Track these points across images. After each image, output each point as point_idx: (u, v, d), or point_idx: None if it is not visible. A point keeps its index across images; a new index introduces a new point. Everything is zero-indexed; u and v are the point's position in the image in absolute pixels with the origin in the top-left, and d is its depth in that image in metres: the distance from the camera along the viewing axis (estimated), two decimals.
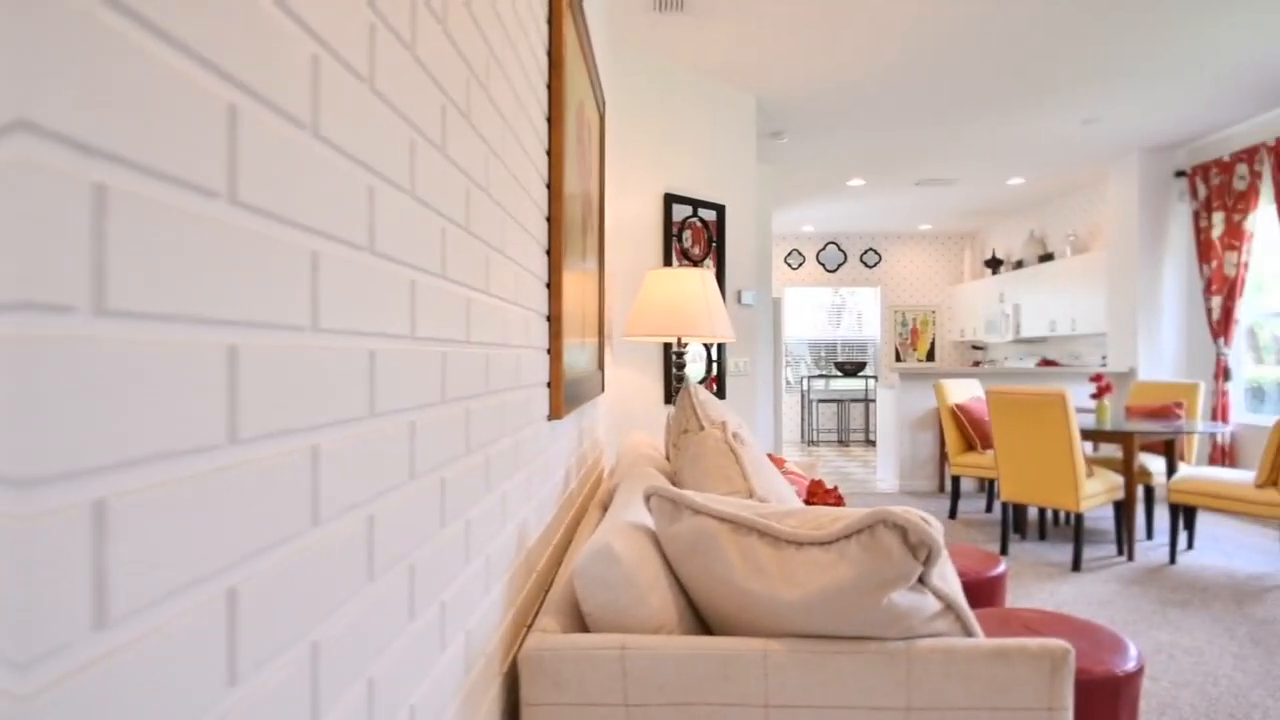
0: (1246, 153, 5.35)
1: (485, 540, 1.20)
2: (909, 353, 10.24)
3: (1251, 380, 5.69)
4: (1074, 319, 7.27)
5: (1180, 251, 6.09)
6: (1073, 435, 3.93)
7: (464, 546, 1.06)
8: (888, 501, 5.98)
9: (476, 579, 1.14)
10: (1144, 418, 4.92)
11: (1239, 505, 3.92)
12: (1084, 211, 7.69)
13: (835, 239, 10.22)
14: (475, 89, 1.11)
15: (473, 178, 1.09)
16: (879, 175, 6.93)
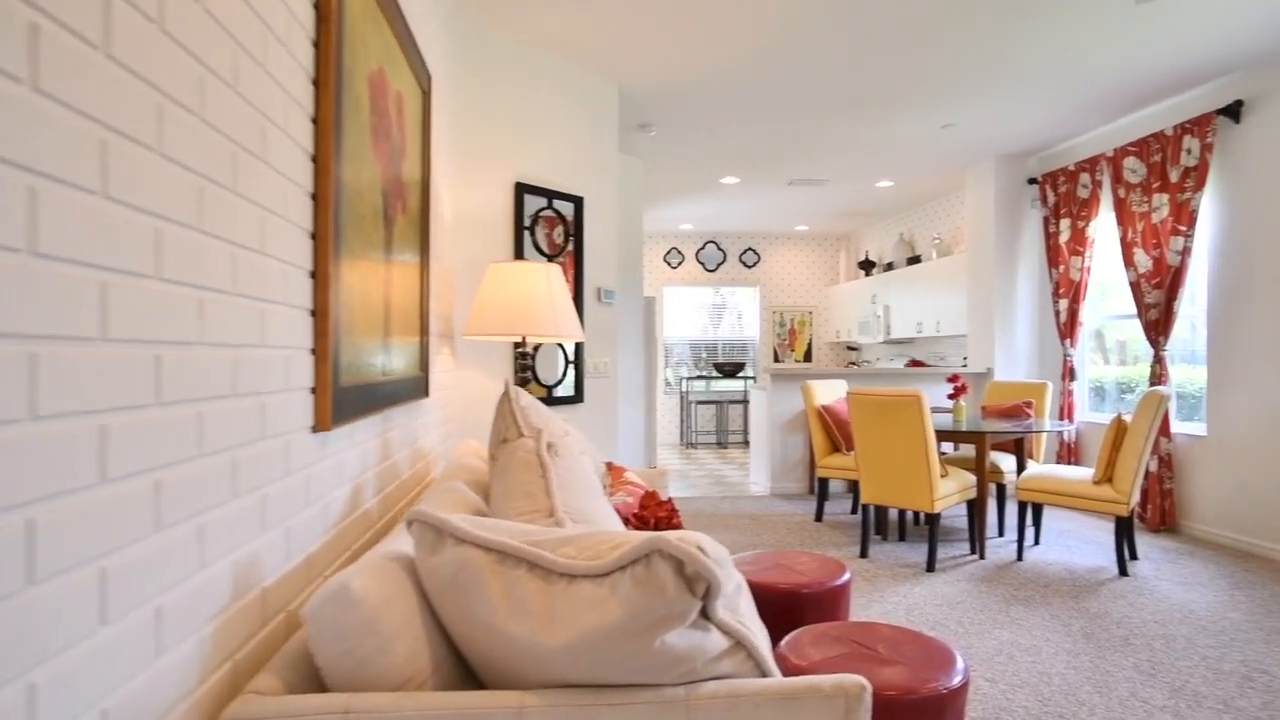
0: (1089, 162, 5.61)
1: (155, 588, 0.92)
2: (787, 353, 10.38)
3: (1094, 380, 5.98)
4: (939, 321, 7.50)
5: (1033, 256, 6.36)
6: (927, 436, 3.95)
7: (96, 600, 0.79)
8: (760, 505, 5.94)
9: (131, 640, 0.86)
10: (998, 417, 5.05)
11: (1080, 501, 4.04)
12: (947, 215, 7.95)
13: (714, 238, 10.22)
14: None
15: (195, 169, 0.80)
16: (752, 173, 6.90)
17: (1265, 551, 4.33)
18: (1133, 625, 3.24)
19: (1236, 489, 4.52)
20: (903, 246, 8.54)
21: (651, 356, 7.44)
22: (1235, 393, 4.55)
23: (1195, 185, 4.67)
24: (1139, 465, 3.88)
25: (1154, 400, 3.87)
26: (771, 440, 6.37)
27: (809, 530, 4.99)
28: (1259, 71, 4.40)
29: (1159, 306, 4.93)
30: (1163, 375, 4.92)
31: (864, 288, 9.23)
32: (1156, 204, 4.94)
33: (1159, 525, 4.90)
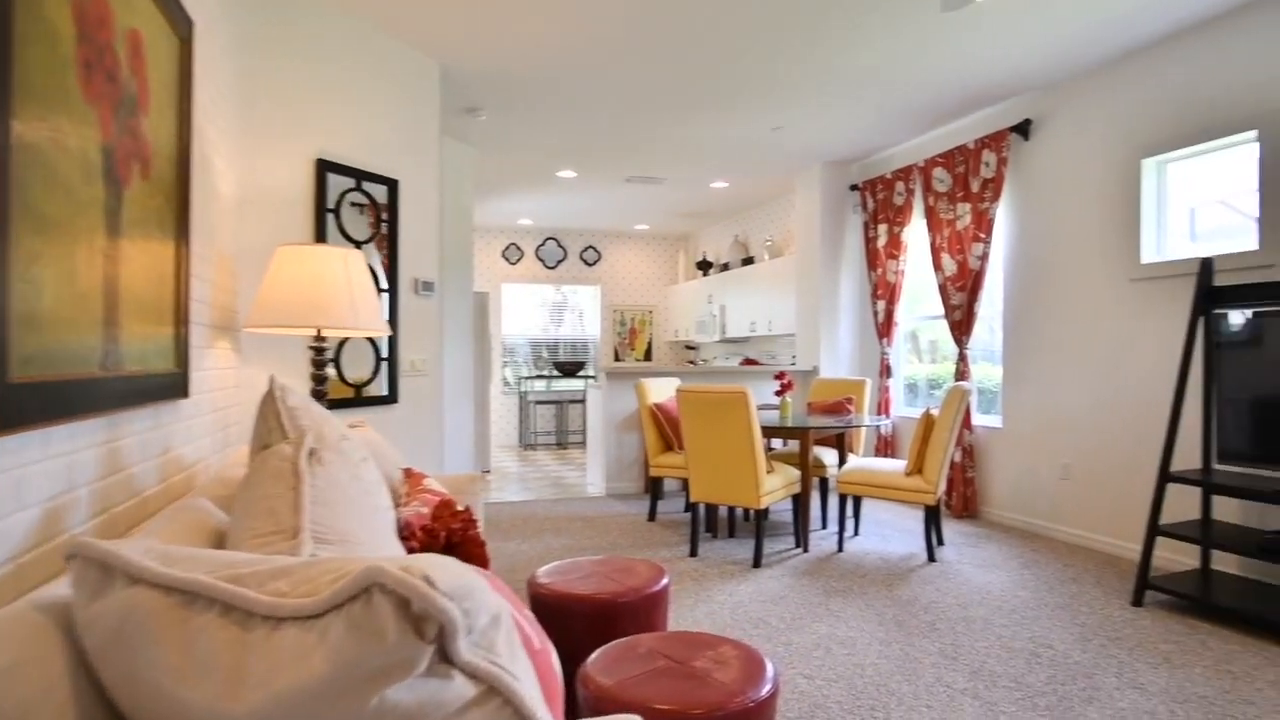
0: (903, 171, 5.94)
1: None
2: (627, 352, 10.37)
3: (909, 377, 6.35)
4: (770, 320, 7.72)
5: (855, 259, 6.66)
6: (753, 433, 3.96)
7: None
8: (594, 507, 5.81)
9: None
10: (822, 413, 5.21)
11: (894, 492, 4.20)
12: (778, 218, 8.22)
13: (555, 235, 10.03)
14: None
15: None
16: (589, 167, 6.77)
17: (1047, 531, 4.72)
18: (939, 610, 3.38)
19: (1025, 476, 4.91)
20: (737, 248, 8.74)
21: (485, 355, 7.13)
22: (1025, 388, 4.93)
23: (993, 196, 5.03)
24: (945, 457, 4.09)
25: (957, 395, 4.09)
26: (607, 440, 6.26)
27: (641, 531, 4.91)
28: (1044, 94, 4.79)
29: (962, 308, 5.27)
30: (965, 372, 5.26)
31: (701, 288, 9.37)
32: (960, 212, 5.29)
33: (962, 512, 5.25)
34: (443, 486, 2.49)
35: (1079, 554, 4.30)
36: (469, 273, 5.91)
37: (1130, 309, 4.24)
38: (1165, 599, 3.49)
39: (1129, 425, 4.23)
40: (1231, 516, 3.70)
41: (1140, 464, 4.17)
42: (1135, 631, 3.12)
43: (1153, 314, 4.11)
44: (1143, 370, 4.16)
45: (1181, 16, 3.77)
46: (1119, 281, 4.31)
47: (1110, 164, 4.37)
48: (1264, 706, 2.48)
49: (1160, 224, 4.20)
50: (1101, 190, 4.42)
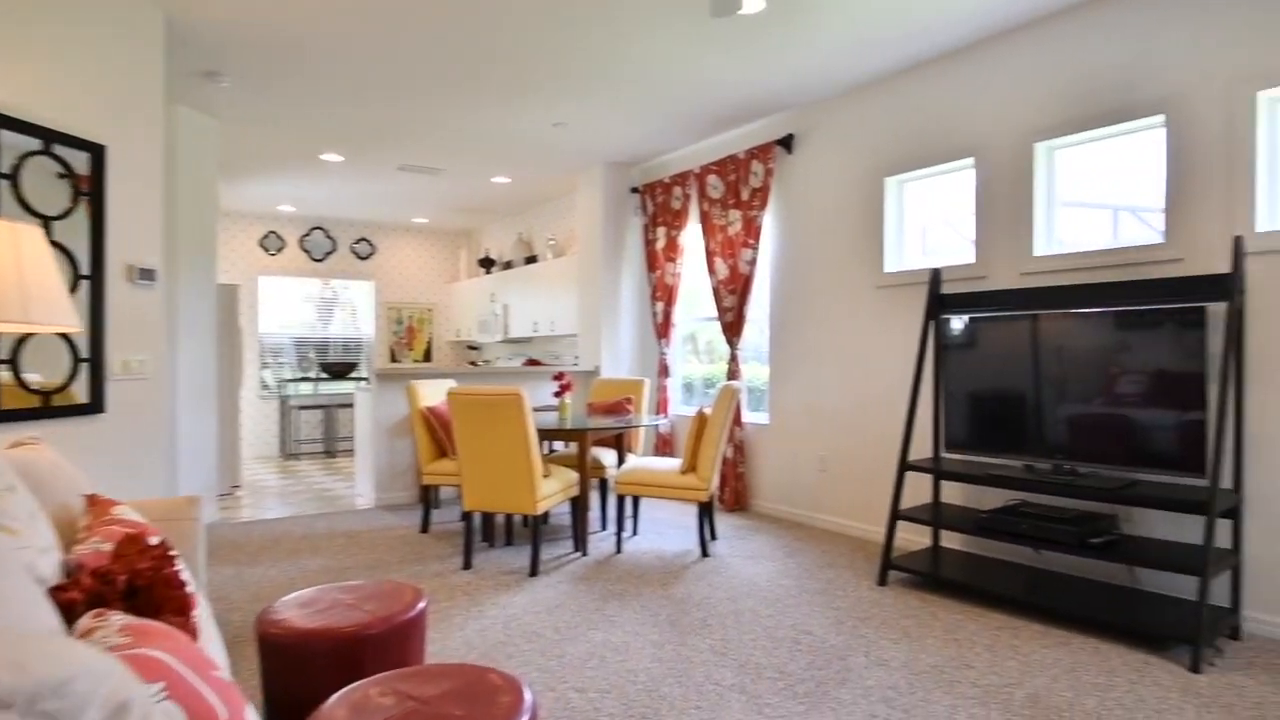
0: (681, 177, 6.10)
1: None
2: (405, 353, 9.79)
3: (686, 377, 6.54)
4: (554, 320, 7.62)
5: (636, 260, 6.74)
6: (528, 436, 3.80)
7: None
8: (362, 521, 5.34)
9: None
10: (602, 413, 5.17)
11: (670, 491, 4.25)
12: (562, 217, 8.15)
13: (323, 224, 9.22)
14: None
15: None
16: (358, 152, 6.25)
17: (809, 520, 5.05)
18: (710, 606, 3.44)
19: (789, 469, 5.23)
20: (521, 246, 8.56)
21: (234, 355, 6.33)
22: (789, 387, 5.25)
23: (760, 204, 5.30)
24: (717, 454, 4.20)
25: (727, 394, 4.22)
26: (377, 447, 5.80)
27: (413, 545, 4.57)
28: (806, 111, 5.12)
29: (733, 310, 5.50)
30: (737, 372, 5.50)
31: (484, 286, 9.07)
32: (732, 219, 5.51)
33: (734, 505, 5.47)
34: (141, 515, 2.07)
35: (836, 540, 4.63)
36: (212, 262, 5.19)
37: (876, 314, 4.63)
38: (905, 577, 3.83)
39: (876, 420, 4.63)
40: (959, 499, 4.15)
41: (885, 455, 4.57)
42: (880, 610, 3.37)
43: (895, 319, 4.52)
44: (888, 370, 4.56)
45: (921, 48, 4.17)
46: (867, 289, 4.70)
47: (859, 180, 4.75)
48: (981, 669, 2.75)
49: (900, 237, 4.63)
50: (852, 204, 4.80)
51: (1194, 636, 2.71)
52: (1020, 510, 3.44)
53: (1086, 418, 3.29)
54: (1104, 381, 3.23)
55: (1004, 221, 3.97)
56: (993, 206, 4.02)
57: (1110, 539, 3.16)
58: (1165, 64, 3.34)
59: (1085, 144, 3.74)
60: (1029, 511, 3.41)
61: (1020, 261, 3.89)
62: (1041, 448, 3.45)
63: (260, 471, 7.65)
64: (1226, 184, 3.15)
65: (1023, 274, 3.89)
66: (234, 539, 4.75)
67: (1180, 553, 2.99)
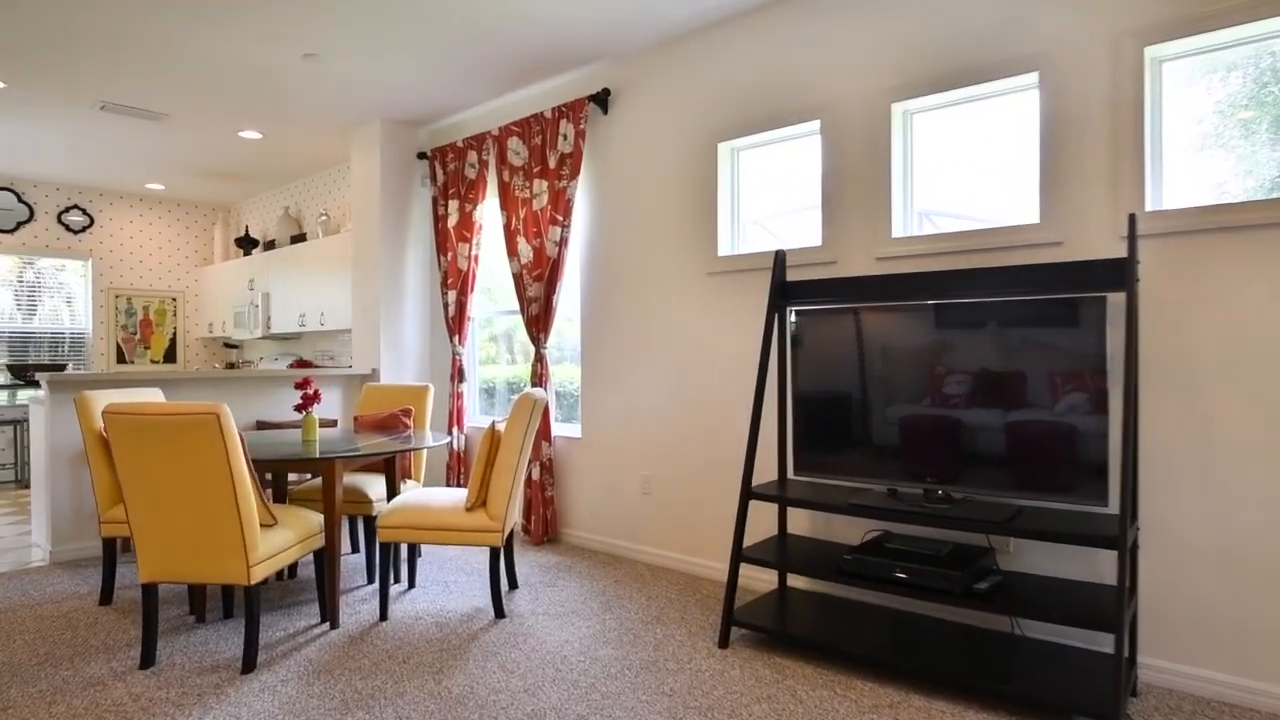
0: (476, 140, 5.05)
1: None
2: (138, 351, 7.89)
3: (485, 381, 5.50)
4: (323, 312, 6.27)
5: (424, 241, 5.60)
6: (235, 474, 2.62)
7: None
8: (24, 586, 3.82)
9: None
10: (371, 429, 4.04)
11: (450, 535, 3.22)
12: (336, 189, 6.79)
13: (12, 184, 7.14)
14: None
15: None
16: (27, 76, 4.59)
17: (630, 553, 4.23)
18: (500, 707, 2.46)
19: (606, 492, 4.37)
20: (288, 223, 7.07)
21: None
22: (605, 392, 4.39)
23: (571, 173, 4.39)
24: (514, 484, 3.24)
25: (526, 406, 3.27)
26: (55, 480, 4.24)
27: (80, 626, 3.19)
28: (625, 62, 4.28)
29: (540, 301, 4.56)
30: (544, 375, 4.56)
31: (240, 270, 7.45)
32: (538, 190, 4.56)
33: (542, 537, 4.53)
34: None
35: (663, 580, 3.83)
36: None
37: (708, 306, 3.88)
38: (751, 635, 3.08)
39: (709, 433, 3.88)
40: (807, 526, 3.48)
41: (721, 475, 3.83)
42: (725, 691, 2.57)
43: (731, 311, 3.79)
44: (722, 372, 3.82)
45: None
46: (697, 275, 3.94)
47: (687, 146, 3.98)
48: None
49: (735, 214, 3.91)
50: (679, 174, 4.02)
51: (1110, 709, 2.14)
52: (887, 548, 2.79)
53: (960, 432, 2.69)
54: (980, 389, 2.64)
55: (857, 198, 3.34)
56: (843, 180, 3.38)
57: (995, 582, 2.57)
58: (1040, 14, 2.82)
59: (950, 107, 3.18)
60: (897, 548, 2.77)
61: (876, 244, 3.28)
62: (908, 468, 2.82)
63: None
64: (1112, 156, 2.66)
65: (878, 259, 3.27)
66: None
67: (1080, 598, 2.44)
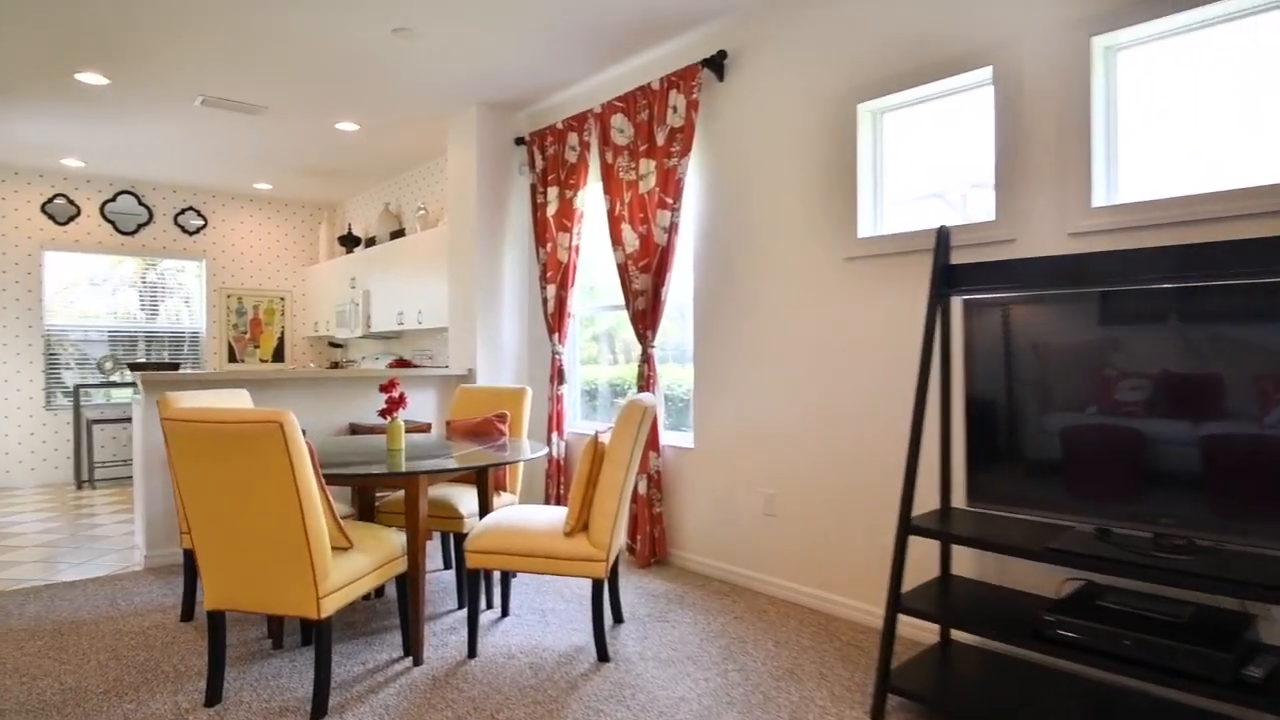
0: (577, 120, 4.64)
1: None
2: (249, 350, 7.97)
3: (586, 382, 5.09)
4: (420, 310, 6.03)
5: (523, 232, 5.24)
6: (302, 491, 2.27)
7: None
8: (112, 595, 3.66)
9: None
10: (464, 436, 3.68)
11: (551, 565, 2.78)
12: (434, 182, 6.56)
13: (133, 188, 7.31)
14: None
15: None
16: (130, 72, 4.51)
17: (750, 582, 3.69)
18: None
19: (722, 511, 3.85)
20: (388, 219, 6.91)
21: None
22: (721, 396, 3.86)
23: (681, 150, 3.89)
24: (620, 505, 2.78)
25: (634, 414, 2.79)
26: (149, 482, 4.11)
27: (159, 646, 2.95)
28: (744, 19, 3.74)
29: (647, 294, 4.09)
30: (651, 377, 4.09)
31: (342, 268, 7.37)
32: (644, 170, 4.09)
33: (649, 559, 4.06)
34: None
35: (789, 619, 3.27)
36: None
37: (845, 295, 3.30)
38: (908, 703, 2.49)
39: (845, 446, 3.29)
40: (974, 568, 2.85)
41: (858, 495, 3.24)
42: None
43: (873, 302, 3.19)
44: (861, 375, 3.23)
45: None
46: (832, 261, 3.36)
47: (818, 112, 3.40)
48: None
49: (878, 189, 3.31)
50: (808, 146, 3.45)
51: None
52: (1102, 607, 2.14)
53: (1209, 452, 2.01)
54: (1239, 396, 1.96)
55: (1043, 161, 2.68)
56: (1023, 139, 2.73)
57: (1272, 667, 1.88)
58: None
59: (1173, 36, 2.48)
60: (1117, 609, 2.12)
61: (1069, 217, 2.61)
62: (1128, 503, 2.15)
63: (25, 508, 5.75)
64: None
65: (1072, 234, 2.60)
66: None
67: None
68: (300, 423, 4.57)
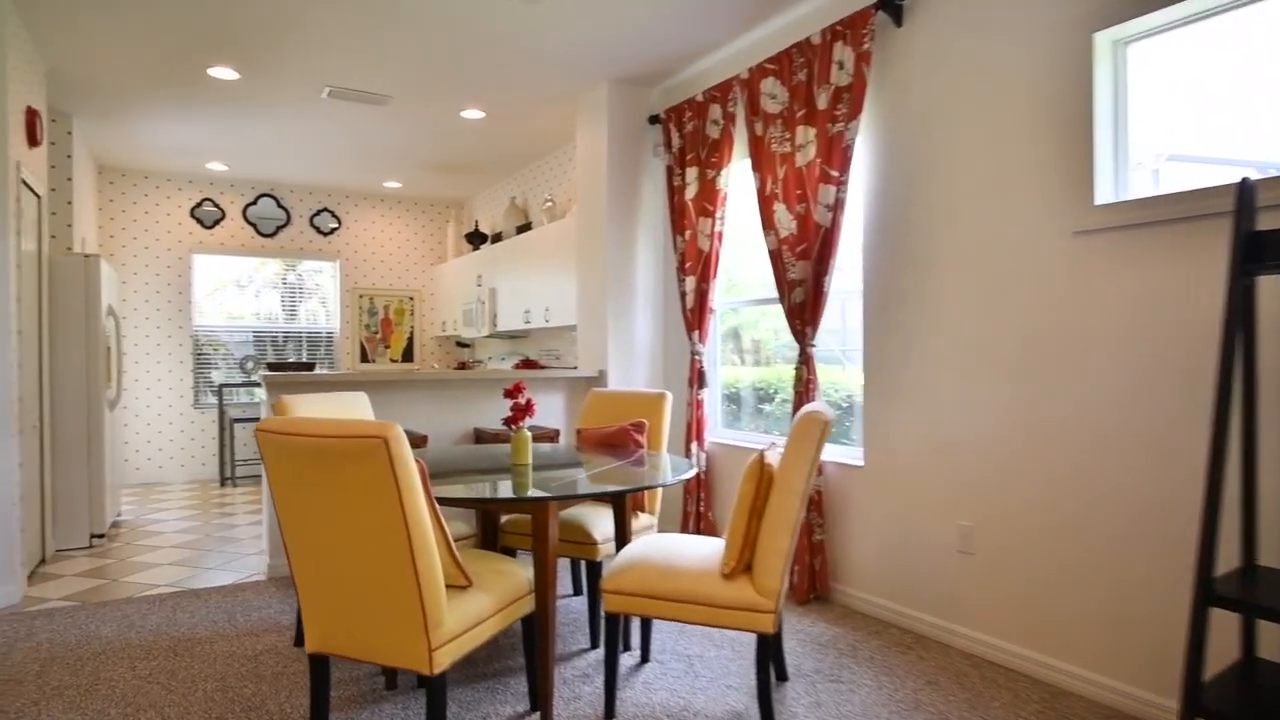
0: (720, 89, 4.11)
1: None
2: (379, 350, 7.95)
3: (728, 385, 4.55)
4: (548, 307, 5.69)
5: (657, 220, 4.77)
6: (410, 519, 1.85)
7: None
8: (228, 609, 3.48)
9: None
10: (596, 447, 3.24)
11: (707, 614, 2.26)
12: (561, 171, 6.21)
13: (272, 190, 7.42)
14: None
15: None
16: (257, 63, 4.38)
17: (932, 630, 3.03)
18: None
19: (900, 542, 3.20)
20: (514, 213, 6.64)
21: (90, 350, 4.52)
22: (898, 404, 3.22)
23: (849, 112, 3.28)
24: (792, 539, 2.22)
25: (811, 429, 2.23)
26: None
27: (268, 678, 2.67)
28: None
29: (806, 284, 3.50)
30: (811, 381, 3.50)
31: (469, 266, 7.18)
32: (802, 140, 3.51)
33: (808, 594, 3.47)
34: None
35: (998, 686, 2.60)
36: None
37: (1075, 279, 2.59)
38: None
39: (1075, 471, 2.59)
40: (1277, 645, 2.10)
41: (1095, 536, 2.52)
42: None
43: (1118, 286, 2.48)
44: (1102, 380, 2.52)
45: None
46: (1053, 236, 2.66)
47: (1034, 48, 2.71)
48: None
49: (1120, 141, 2.58)
50: (1018, 93, 2.76)
51: None
52: None
53: None
54: None
55: None
56: None
57: None
58: None
59: None
60: None
61: None
62: None
63: (171, 504, 5.85)
64: None
65: None
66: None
67: None
68: (422, 428, 4.29)
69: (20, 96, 3.80)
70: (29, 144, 3.98)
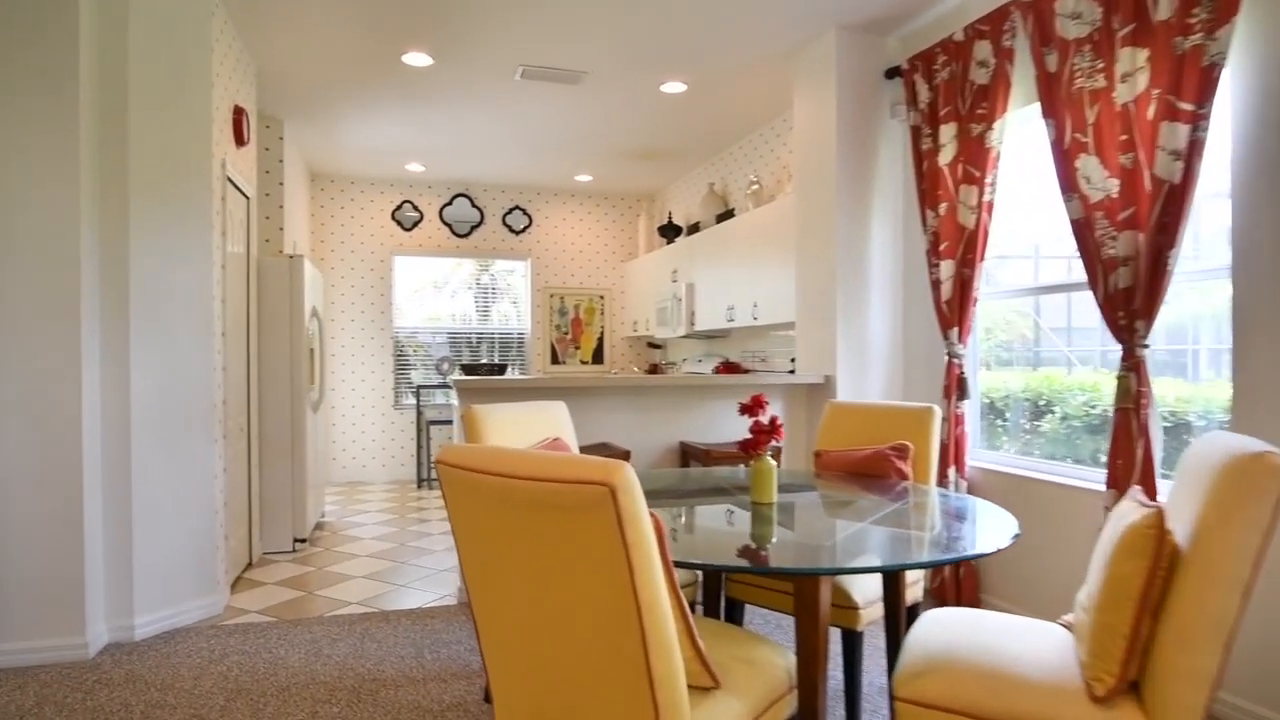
0: (990, 20, 3.24)
1: None
2: (570, 351, 7.67)
3: (989, 393, 3.65)
4: (756, 302, 5.02)
5: (895, 193, 3.96)
6: (641, 597, 1.25)
7: None
8: (419, 637, 3.14)
9: None
10: (843, 474, 2.54)
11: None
12: (769, 149, 5.51)
13: (466, 189, 7.34)
14: None
15: None
16: (451, 47, 4.08)
17: None
18: None
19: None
20: (713, 201, 6.04)
21: (294, 353, 4.44)
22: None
23: (1215, 18, 2.33)
24: (1224, 656, 1.40)
25: (1265, 482, 1.38)
26: None
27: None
28: None
29: (1134, 262, 2.57)
30: (1144, 394, 2.56)
31: (663, 260, 6.68)
32: (1129, 67, 2.59)
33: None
34: None
35: None
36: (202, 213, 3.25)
37: None
38: None
39: None
40: None
41: None
42: None
43: None
44: None
45: None
46: None
47: None
48: None
49: None
50: None
51: None
52: None
53: None
54: None
55: None
56: None
57: None
58: None
59: None
60: None
61: None
62: None
63: (370, 505, 5.82)
64: None
65: None
66: (144, 683, 2.69)
67: None
68: (621, 441, 3.78)
69: (227, 94, 3.72)
70: (236, 143, 3.91)
